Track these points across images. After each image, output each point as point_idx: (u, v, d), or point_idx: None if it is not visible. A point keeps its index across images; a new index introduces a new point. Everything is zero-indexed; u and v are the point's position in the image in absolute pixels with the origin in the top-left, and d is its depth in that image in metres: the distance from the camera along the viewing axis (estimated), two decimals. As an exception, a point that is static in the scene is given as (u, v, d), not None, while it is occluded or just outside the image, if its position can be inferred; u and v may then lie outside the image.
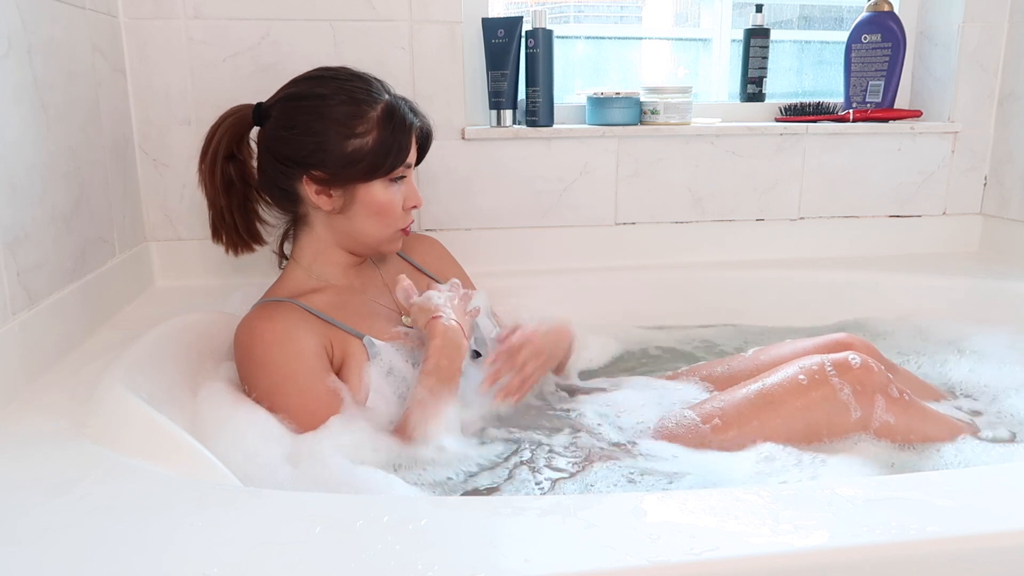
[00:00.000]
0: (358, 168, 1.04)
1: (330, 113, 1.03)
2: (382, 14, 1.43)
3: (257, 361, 0.99)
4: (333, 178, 1.04)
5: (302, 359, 0.99)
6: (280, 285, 1.12)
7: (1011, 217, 1.66)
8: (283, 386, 0.97)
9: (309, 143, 1.04)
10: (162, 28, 1.37)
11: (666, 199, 1.61)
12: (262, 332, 1.00)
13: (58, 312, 1.04)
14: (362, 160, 1.04)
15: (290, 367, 0.98)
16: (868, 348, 1.12)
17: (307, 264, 1.12)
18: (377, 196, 1.07)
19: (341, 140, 1.03)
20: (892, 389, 0.98)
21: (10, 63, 0.96)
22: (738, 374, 1.15)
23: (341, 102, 1.04)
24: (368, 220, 1.08)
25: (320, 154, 1.03)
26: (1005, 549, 0.62)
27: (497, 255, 1.57)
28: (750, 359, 1.19)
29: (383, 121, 1.05)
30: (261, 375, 0.98)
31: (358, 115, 1.04)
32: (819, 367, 0.99)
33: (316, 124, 1.04)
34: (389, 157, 1.05)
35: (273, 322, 1.00)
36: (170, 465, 0.76)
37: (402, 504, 0.69)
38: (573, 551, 0.59)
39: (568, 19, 1.81)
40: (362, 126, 1.04)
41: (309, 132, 1.04)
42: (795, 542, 0.60)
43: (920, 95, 1.75)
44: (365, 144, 1.04)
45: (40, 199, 1.02)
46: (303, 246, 1.12)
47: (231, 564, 0.58)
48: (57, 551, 0.60)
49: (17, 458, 0.76)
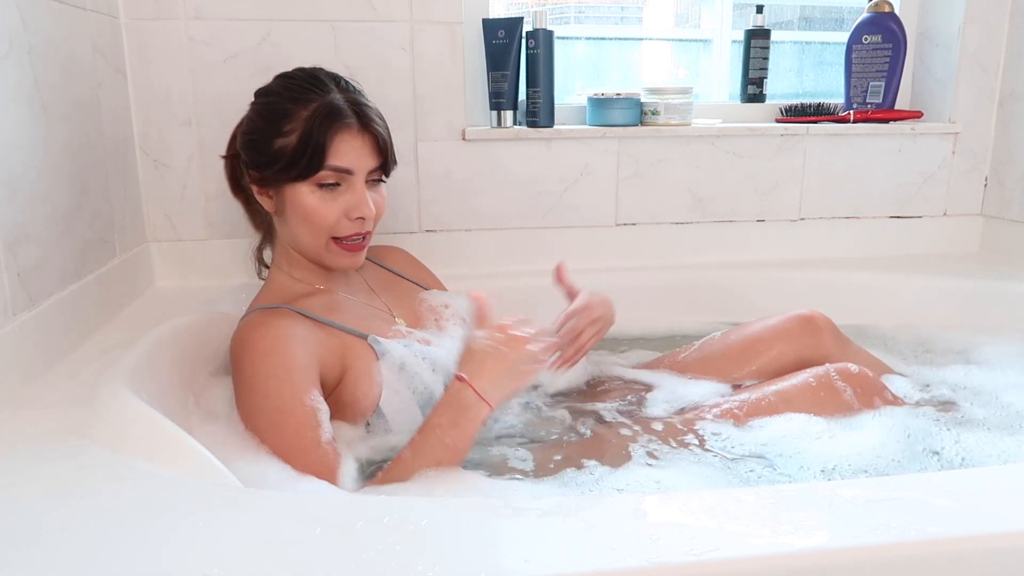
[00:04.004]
0: (278, 167, 1.00)
1: (268, 111, 1.02)
2: (383, 15, 1.43)
3: (243, 375, 0.93)
4: (263, 177, 1.02)
5: (288, 375, 0.92)
6: (268, 291, 1.07)
7: (1011, 218, 1.66)
8: (262, 404, 0.91)
9: (247, 141, 1.03)
10: (163, 29, 1.37)
11: (667, 200, 1.61)
12: (254, 342, 0.94)
13: (59, 313, 1.04)
14: (282, 159, 0.99)
15: (273, 384, 0.91)
16: (827, 323, 1.22)
17: (287, 268, 1.08)
18: (303, 200, 1.00)
19: (270, 138, 1.00)
20: (887, 394, 1.10)
21: (10, 63, 0.96)
22: (710, 355, 1.22)
23: (280, 100, 1.01)
24: (298, 226, 1.02)
25: (252, 152, 1.02)
26: (1005, 549, 0.62)
27: (497, 256, 1.57)
28: (720, 339, 1.25)
29: (308, 120, 0.99)
30: (244, 390, 0.93)
31: (288, 114, 0.99)
32: (825, 372, 1.08)
33: (256, 122, 1.03)
34: (304, 158, 0.98)
35: (266, 330, 0.95)
36: (171, 466, 0.76)
37: (402, 505, 0.69)
38: (574, 552, 0.59)
39: (569, 20, 1.81)
40: (289, 124, 0.99)
41: (249, 131, 1.03)
42: (795, 543, 0.60)
43: (920, 96, 1.75)
44: (288, 143, 0.99)
45: (41, 200, 1.02)
46: (277, 249, 1.10)
47: (231, 565, 0.58)
48: (57, 551, 0.60)
49: (18, 458, 0.76)
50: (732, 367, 1.20)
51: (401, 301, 1.16)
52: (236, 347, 0.96)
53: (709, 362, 1.21)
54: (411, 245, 1.53)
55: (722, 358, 1.21)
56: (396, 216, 1.52)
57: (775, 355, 1.19)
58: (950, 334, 1.40)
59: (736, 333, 1.25)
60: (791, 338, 1.19)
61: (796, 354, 1.18)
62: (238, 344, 0.96)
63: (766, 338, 1.20)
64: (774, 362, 1.18)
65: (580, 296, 1.11)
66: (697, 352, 1.25)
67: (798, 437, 0.99)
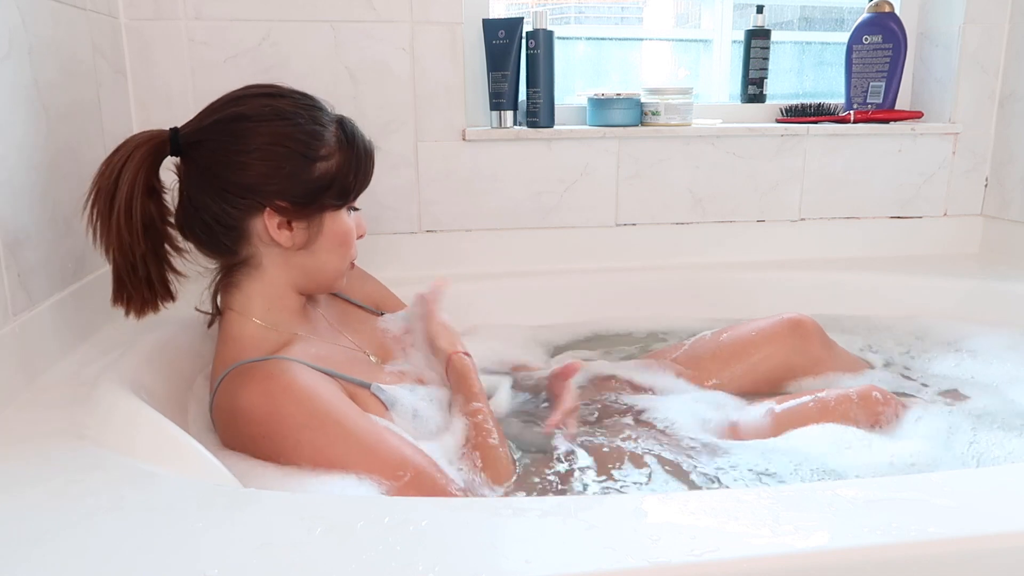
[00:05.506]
0: (329, 194, 0.93)
1: (293, 134, 0.90)
2: (383, 15, 1.43)
3: (293, 423, 0.83)
4: (299, 208, 0.92)
5: (344, 402, 0.87)
6: (238, 347, 0.93)
7: (1012, 218, 1.66)
8: (336, 432, 0.83)
9: (270, 169, 0.90)
10: (163, 29, 1.37)
11: (667, 200, 1.61)
12: (285, 388, 0.84)
13: (59, 313, 1.04)
14: (331, 184, 0.93)
15: (340, 411, 0.85)
16: (816, 327, 1.24)
17: (260, 315, 0.95)
18: (344, 224, 0.96)
19: (308, 164, 0.91)
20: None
21: (11, 64, 0.96)
22: (701, 355, 1.24)
23: (303, 121, 0.91)
24: (332, 253, 0.96)
25: (283, 181, 0.90)
26: (1005, 550, 0.62)
27: (498, 256, 1.57)
28: (711, 339, 1.27)
29: (343, 141, 0.94)
30: (303, 433, 0.83)
31: (319, 136, 0.92)
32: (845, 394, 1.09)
33: (277, 148, 0.90)
34: (357, 179, 0.95)
35: (283, 375, 0.85)
36: (171, 466, 0.76)
37: (403, 505, 0.69)
38: (574, 552, 0.59)
39: (569, 20, 1.81)
40: (325, 148, 0.92)
41: (270, 157, 0.90)
42: (796, 543, 0.60)
43: (921, 96, 1.75)
44: (331, 167, 0.93)
45: (41, 200, 1.02)
46: (250, 295, 0.96)
47: (232, 565, 0.58)
48: (57, 551, 0.60)
49: (18, 459, 0.76)
50: (721, 367, 1.22)
51: (364, 335, 1.09)
52: (257, 407, 0.84)
53: (699, 361, 1.24)
54: (411, 245, 1.53)
55: (712, 359, 1.23)
56: (396, 216, 1.52)
57: (763, 357, 1.22)
58: (950, 335, 1.40)
59: (727, 334, 1.26)
60: (780, 341, 1.22)
61: (785, 357, 1.22)
62: (258, 404, 0.84)
63: (756, 341, 1.23)
64: (762, 364, 1.22)
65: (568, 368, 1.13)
66: (688, 351, 1.27)
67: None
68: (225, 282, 0.98)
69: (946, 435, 1.01)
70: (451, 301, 1.40)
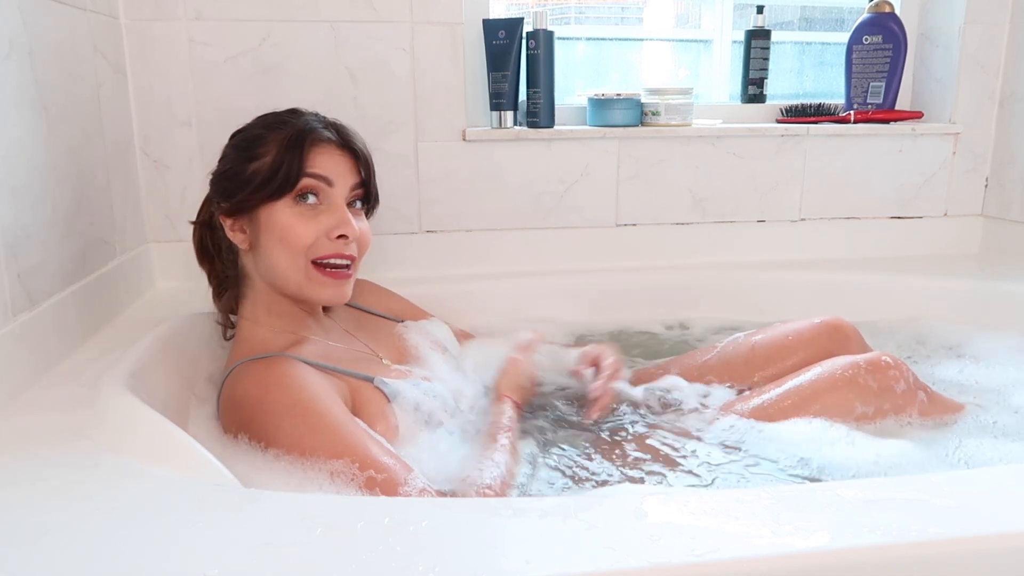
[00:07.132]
0: (252, 187, 0.95)
1: (241, 141, 0.99)
2: (383, 15, 1.43)
3: (277, 408, 0.86)
4: (236, 205, 0.96)
5: (333, 400, 0.89)
6: (249, 347, 0.99)
7: (1012, 219, 1.66)
8: (318, 424, 0.85)
9: (219, 175, 0.99)
10: (163, 29, 1.37)
11: (667, 200, 1.61)
12: (274, 380, 0.88)
13: (59, 313, 1.04)
14: (257, 178, 0.95)
15: (323, 404, 0.87)
16: (854, 332, 1.19)
17: (265, 320, 1.01)
18: (279, 219, 0.95)
19: (243, 163, 0.96)
20: (921, 395, 1.07)
21: (11, 65, 0.96)
22: (733, 359, 1.19)
23: (253, 129, 0.99)
24: (275, 251, 0.96)
25: (225, 183, 0.98)
26: (1005, 550, 0.62)
27: (498, 256, 1.57)
28: (744, 343, 1.21)
29: (285, 139, 0.96)
30: (284, 420, 0.86)
31: (262, 138, 0.97)
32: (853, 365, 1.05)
33: (229, 155, 0.99)
34: (281, 170, 0.94)
35: (281, 369, 0.89)
36: (171, 466, 0.76)
37: (403, 506, 0.69)
38: (574, 552, 0.59)
39: (569, 20, 1.81)
40: (264, 147, 0.96)
41: (222, 166, 1.00)
42: (796, 543, 0.60)
43: (921, 96, 1.75)
44: (263, 164, 0.95)
45: (41, 200, 1.02)
46: (252, 303, 1.02)
47: (232, 565, 0.58)
48: (58, 552, 0.60)
49: (18, 459, 0.76)
50: (755, 372, 1.17)
51: (380, 339, 1.11)
52: (251, 393, 0.88)
53: (732, 367, 1.18)
54: (411, 245, 1.53)
55: (746, 364, 1.18)
56: (396, 216, 1.52)
57: (799, 361, 1.15)
58: (951, 335, 1.40)
59: (760, 337, 1.21)
60: (818, 345, 1.16)
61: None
62: (252, 390, 0.88)
63: (791, 345, 1.17)
64: (798, 368, 1.13)
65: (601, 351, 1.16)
66: (720, 355, 1.21)
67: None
68: (233, 293, 1.05)
69: (939, 437, 1.01)
70: (451, 301, 1.40)
